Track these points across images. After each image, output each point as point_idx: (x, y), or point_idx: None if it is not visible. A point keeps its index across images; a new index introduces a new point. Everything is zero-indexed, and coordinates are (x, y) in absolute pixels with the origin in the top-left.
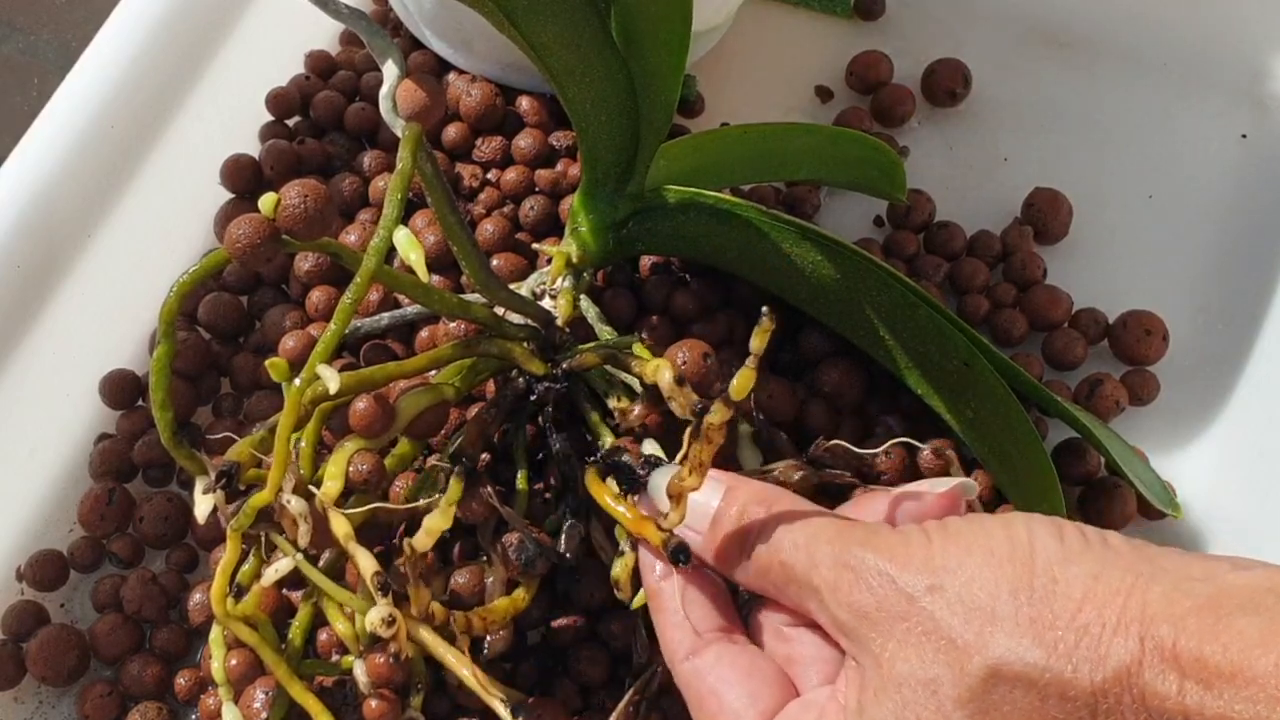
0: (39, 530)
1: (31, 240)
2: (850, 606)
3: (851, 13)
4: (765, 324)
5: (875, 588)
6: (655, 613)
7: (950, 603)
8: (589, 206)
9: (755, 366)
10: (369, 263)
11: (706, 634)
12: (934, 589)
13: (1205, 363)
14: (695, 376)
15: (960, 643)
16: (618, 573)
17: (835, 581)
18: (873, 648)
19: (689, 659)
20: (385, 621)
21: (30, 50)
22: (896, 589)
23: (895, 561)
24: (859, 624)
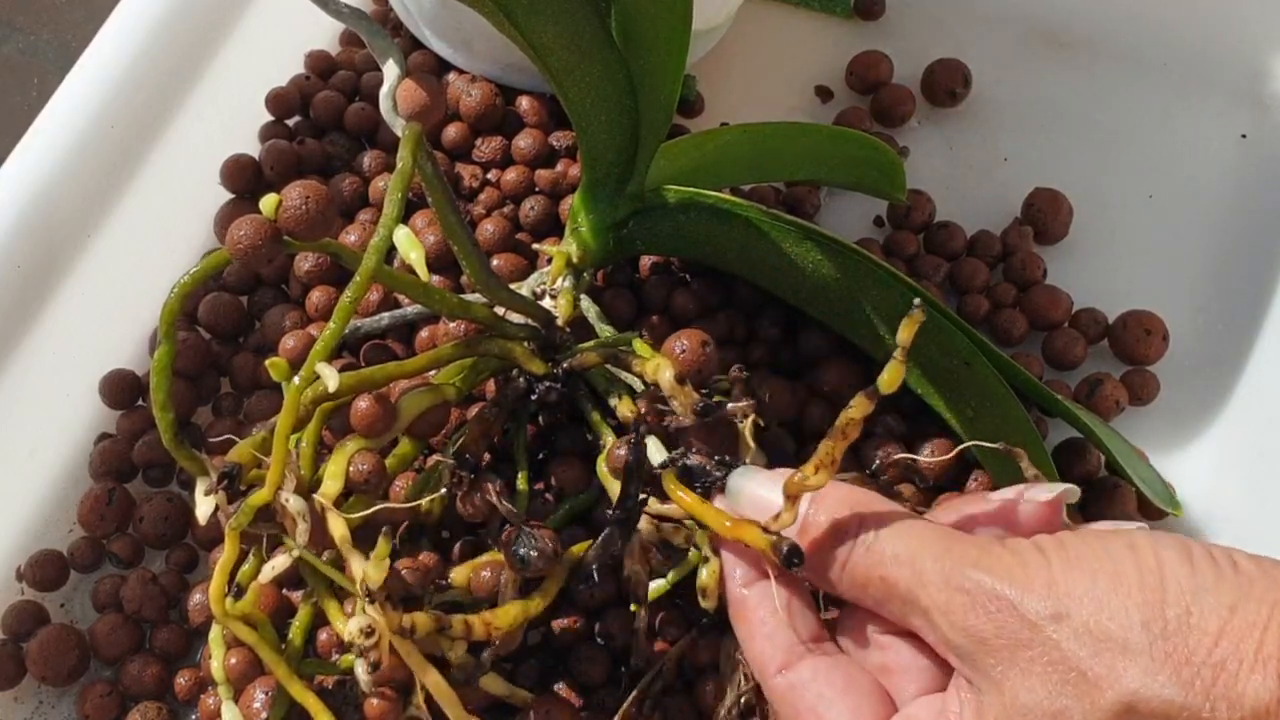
0: (39, 530)
1: (31, 240)
2: (965, 631)
3: (851, 13)
4: (916, 315)
5: (994, 613)
6: (739, 623)
7: (1078, 632)
8: (589, 206)
9: (903, 359)
10: (369, 262)
11: (797, 646)
12: (1059, 617)
13: (1205, 363)
14: (695, 365)
15: (1091, 675)
16: (705, 580)
17: (947, 604)
18: (992, 674)
19: (782, 673)
20: (364, 633)
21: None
22: (1018, 615)
23: (1015, 585)
24: (975, 649)
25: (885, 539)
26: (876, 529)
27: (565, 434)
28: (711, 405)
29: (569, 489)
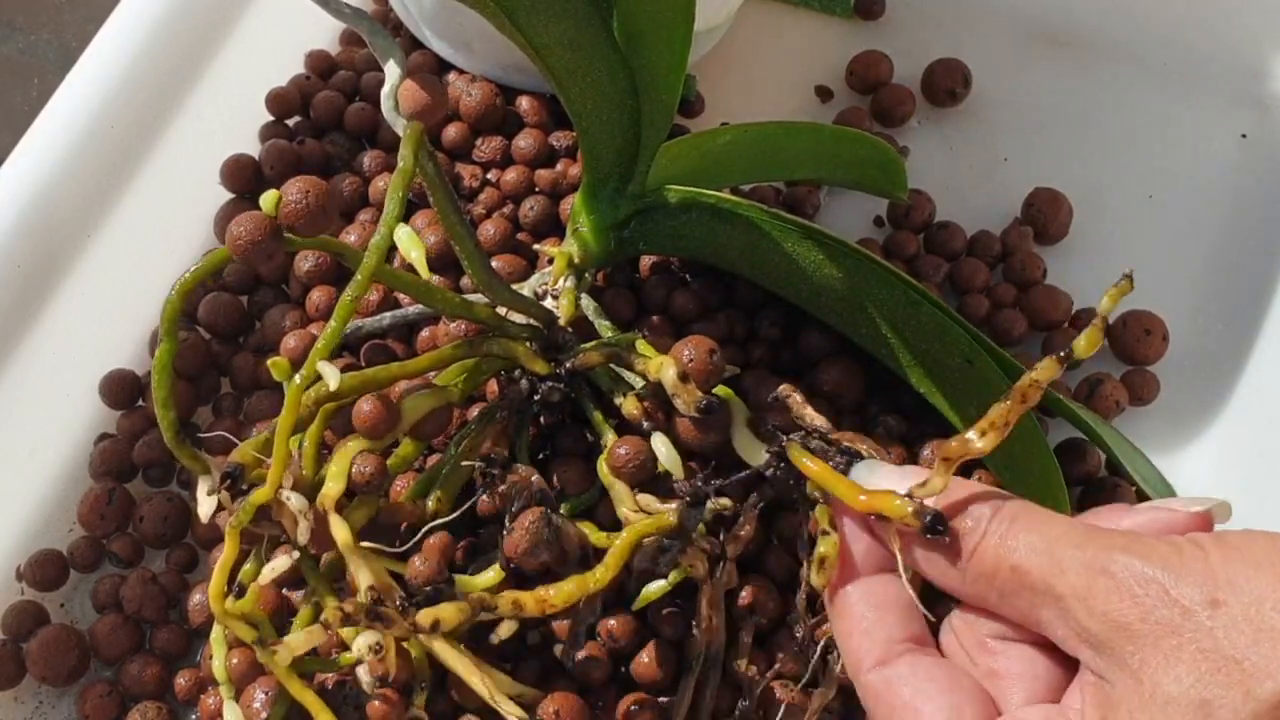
0: (39, 530)
1: (31, 240)
2: (1105, 616)
3: (851, 13)
4: (1125, 285)
5: (1141, 597)
6: (836, 619)
7: (1235, 620)
8: (590, 207)
9: (1102, 326)
10: (370, 260)
11: (897, 643)
12: (1216, 603)
13: (1205, 363)
14: (703, 374)
15: (1248, 665)
16: (824, 550)
17: (1087, 588)
18: (1129, 662)
19: (878, 669)
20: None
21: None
22: (1169, 599)
23: (1168, 569)
24: (1114, 635)
25: (1020, 527)
26: (1011, 519)
27: (566, 434)
28: (714, 403)
29: (570, 489)
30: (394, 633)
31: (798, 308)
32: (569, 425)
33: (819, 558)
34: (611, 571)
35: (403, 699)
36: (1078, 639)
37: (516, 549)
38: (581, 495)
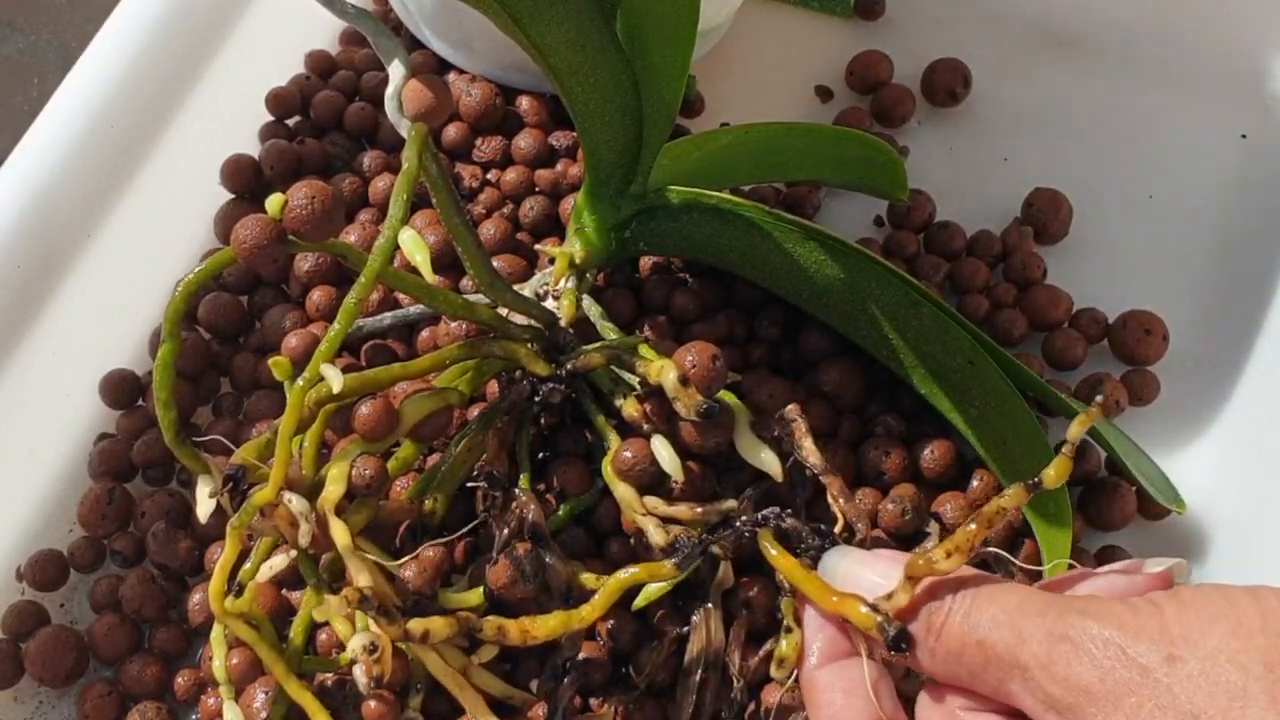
0: (39, 530)
1: (31, 240)
2: (1067, 681)
3: (851, 13)
4: (1095, 412)
5: (1100, 659)
6: (810, 703)
7: (1191, 675)
8: (592, 207)
9: (1071, 454)
10: (375, 263)
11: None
12: (1173, 659)
13: (1205, 363)
14: (705, 380)
15: (1204, 718)
16: (785, 651)
17: (1049, 655)
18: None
19: None
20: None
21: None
22: (1126, 659)
23: (1124, 630)
24: (1077, 699)
25: (982, 603)
26: (975, 597)
27: (566, 435)
28: (714, 407)
29: (570, 490)
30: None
31: (798, 308)
32: (569, 426)
33: (779, 657)
34: (597, 613)
35: (398, 700)
36: (1044, 707)
37: (498, 581)
38: (581, 496)
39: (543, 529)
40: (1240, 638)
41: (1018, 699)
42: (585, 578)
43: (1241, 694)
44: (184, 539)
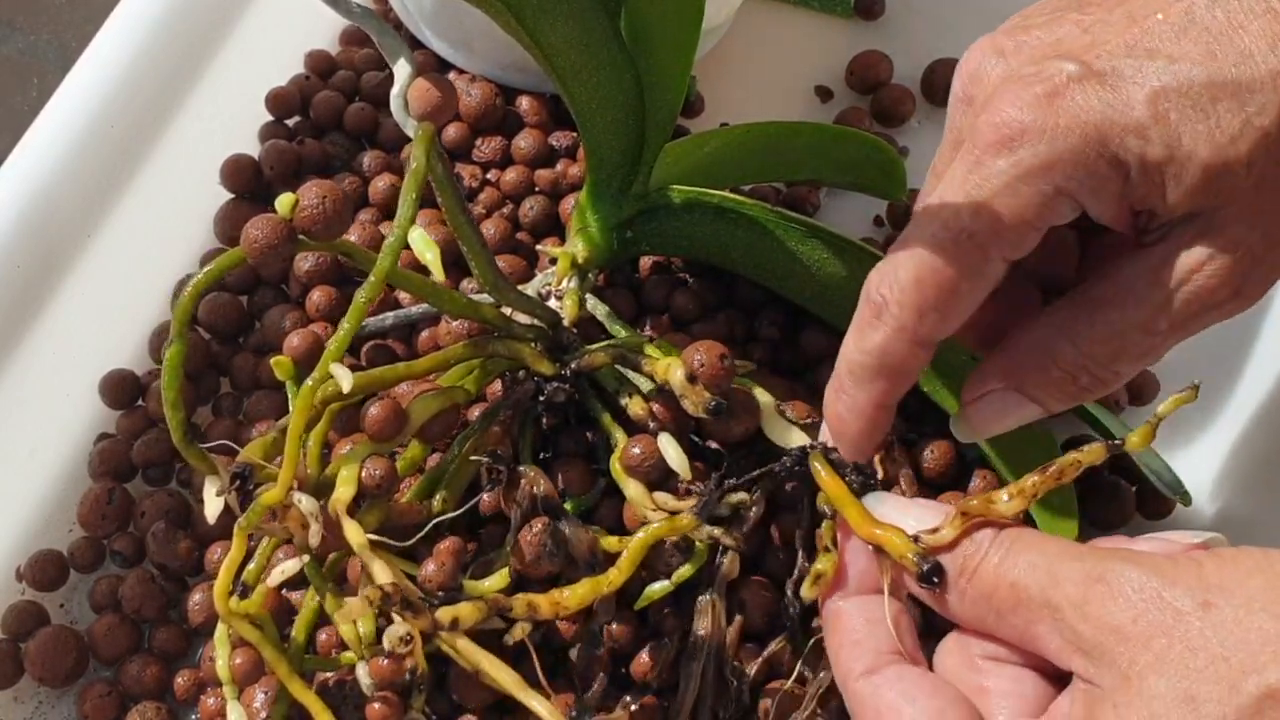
0: (39, 530)
1: (31, 240)
2: (1099, 620)
3: (851, 13)
4: (1189, 394)
5: (1135, 601)
6: (829, 633)
7: (1225, 621)
8: (594, 207)
9: (1155, 424)
10: (384, 262)
11: (885, 654)
12: (1208, 605)
13: (1205, 363)
14: (714, 380)
15: (1234, 661)
16: (822, 567)
17: (1083, 596)
18: (1120, 663)
19: (866, 676)
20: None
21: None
22: (1161, 602)
23: (1162, 576)
24: (1106, 638)
25: (1020, 548)
26: (1011, 541)
27: (568, 435)
28: (722, 404)
29: (572, 490)
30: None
31: (798, 307)
32: (571, 426)
33: (815, 573)
34: (625, 574)
35: (402, 700)
36: (1072, 648)
37: (523, 561)
38: (583, 496)
39: (555, 501)
40: (1275, 590)
41: (1043, 641)
42: (607, 541)
43: (1274, 641)
44: (184, 539)
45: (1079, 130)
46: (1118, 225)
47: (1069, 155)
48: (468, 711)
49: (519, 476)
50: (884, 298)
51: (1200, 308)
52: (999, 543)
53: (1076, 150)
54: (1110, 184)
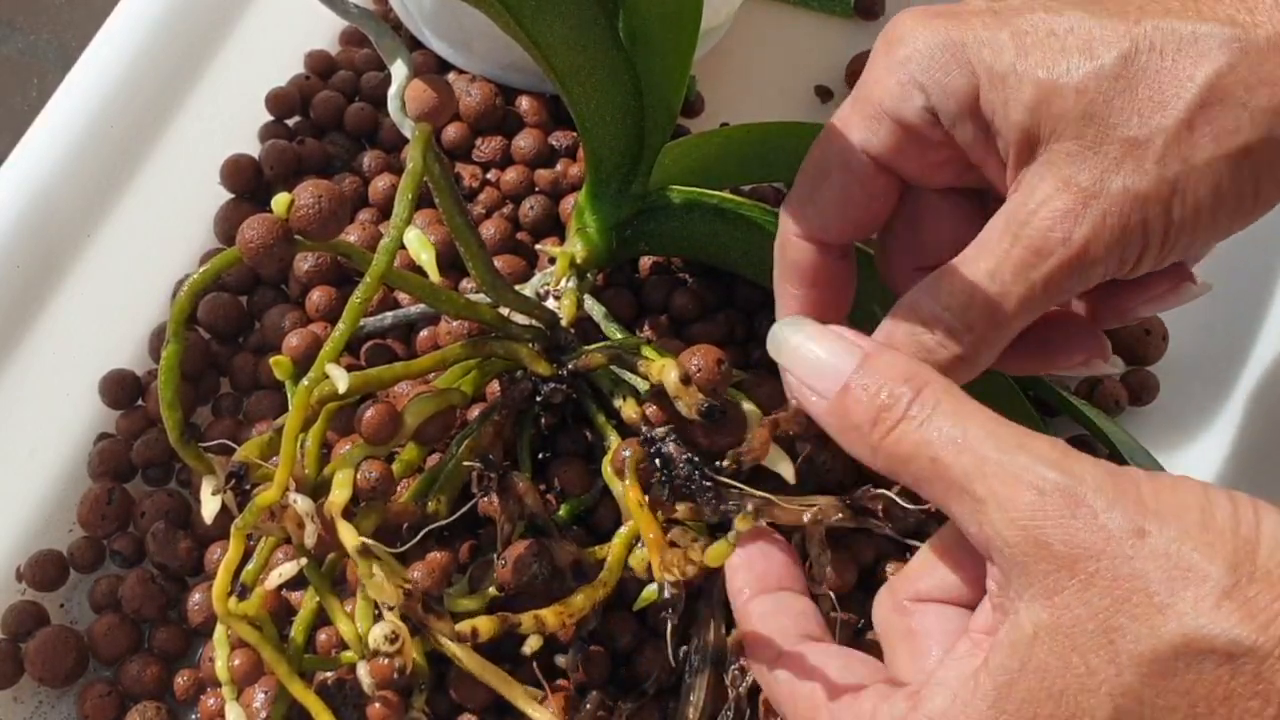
0: (39, 530)
1: (31, 240)
2: (1026, 530)
3: (851, 13)
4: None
5: (1068, 520)
6: (744, 631)
7: (1155, 554)
8: (593, 207)
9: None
10: (380, 263)
11: (793, 638)
12: (1141, 533)
13: (1205, 363)
14: (711, 384)
15: (1158, 600)
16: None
17: (1010, 499)
18: (1045, 581)
19: (775, 661)
20: (389, 639)
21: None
22: (1096, 524)
23: (1101, 494)
24: (1031, 550)
25: (942, 417)
26: (933, 405)
27: (566, 435)
28: (716, 407)
29: (570, 490)
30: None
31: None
32: (570, 426)
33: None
34: (615, 575)
35: (402, 700)
36: (991, 544)
37: (508, 582)
38: (581, 496)
39: (543, 518)
40: (1210, 531)
41: (961, 520)
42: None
43: (1200, 581)
44: (184, 539)
45: (943, 34)
46: (988, 167)
47: (925, 51)
48: (467, 711)
49: (511, 481)
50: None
51: (1035, 253)
52: (920, 405)
53: (934, 48)
54: (959, 85)
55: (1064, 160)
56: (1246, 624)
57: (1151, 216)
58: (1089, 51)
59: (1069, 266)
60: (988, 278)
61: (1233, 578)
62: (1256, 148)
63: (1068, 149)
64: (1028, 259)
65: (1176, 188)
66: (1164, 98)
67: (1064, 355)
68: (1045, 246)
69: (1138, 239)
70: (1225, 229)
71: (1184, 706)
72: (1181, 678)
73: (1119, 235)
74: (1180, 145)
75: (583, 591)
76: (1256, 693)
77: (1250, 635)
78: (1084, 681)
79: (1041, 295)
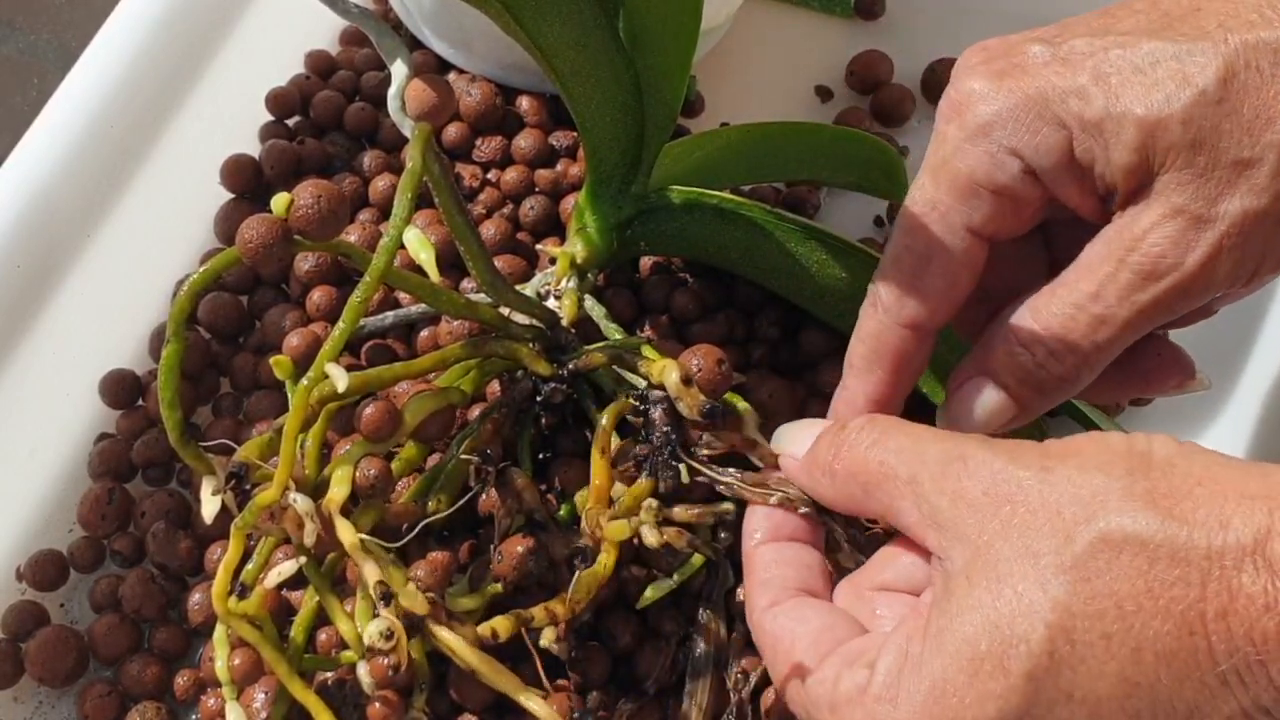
0: (39, 530)
1: (31, 240)
2: (954, 493)
3: (851, 13)
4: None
5: (985, 475)
6: (746, 576)
7: (1059, 482)
8: (594, 207)
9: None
10: (379, 262)
11: (788, 589)
12: (1046, 470)
13: (1205, 363)
14: (711, 384)
15: (1068, 514)
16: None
17: (943, 471)
18: (970, 533)
19: (767, 609)
20: (384, 635)
21: (30, 50)
22: (1008, 474)
23: (1010, 454)
24: (958, 509)
25: (892, 434)
26: (884, 428)
27: (566, 435)
28: (717, 407)
29: (570, 490)
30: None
31: (798, 307)
32: (570, 426)
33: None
34: (613, 557)
35: (403, 699)
36: (928, 522)
37: (506, 577)
38: (581, 496)
39: (541, 515)
40: (1106, 453)
41: (905, 516)
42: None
43: (1101, 493)
44: (184, 539)
45: (1020, 93)
46: (1083, 207)
47: (1008, 114)
48: (467, 711)
49: (509, 477)
50: (873, 285)
51: (1145, 276)
52: (871, 427)
53: (1017, 109)
54: (1053, 142)
55: (1174, 189)
56: (1150, 511)
57: (1271, 233)
58: (1184, 79)
59: (1180, 290)
60: (1090, 299)
61: (1131, 479)
62: None
63: (1178, 179)
64: (1135, 282)
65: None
66: (1272, 113)
67: (1159, 379)
68: (1156, 270)
69: (1255, 257)
70: None
71: (1111, 609)
72: (1103, 579)
73: (1239, 256)
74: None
75: (586, 577)
76: (1178, 578)
77: (1156, 521)
78: (1014, 606)
79: (1148, 318)
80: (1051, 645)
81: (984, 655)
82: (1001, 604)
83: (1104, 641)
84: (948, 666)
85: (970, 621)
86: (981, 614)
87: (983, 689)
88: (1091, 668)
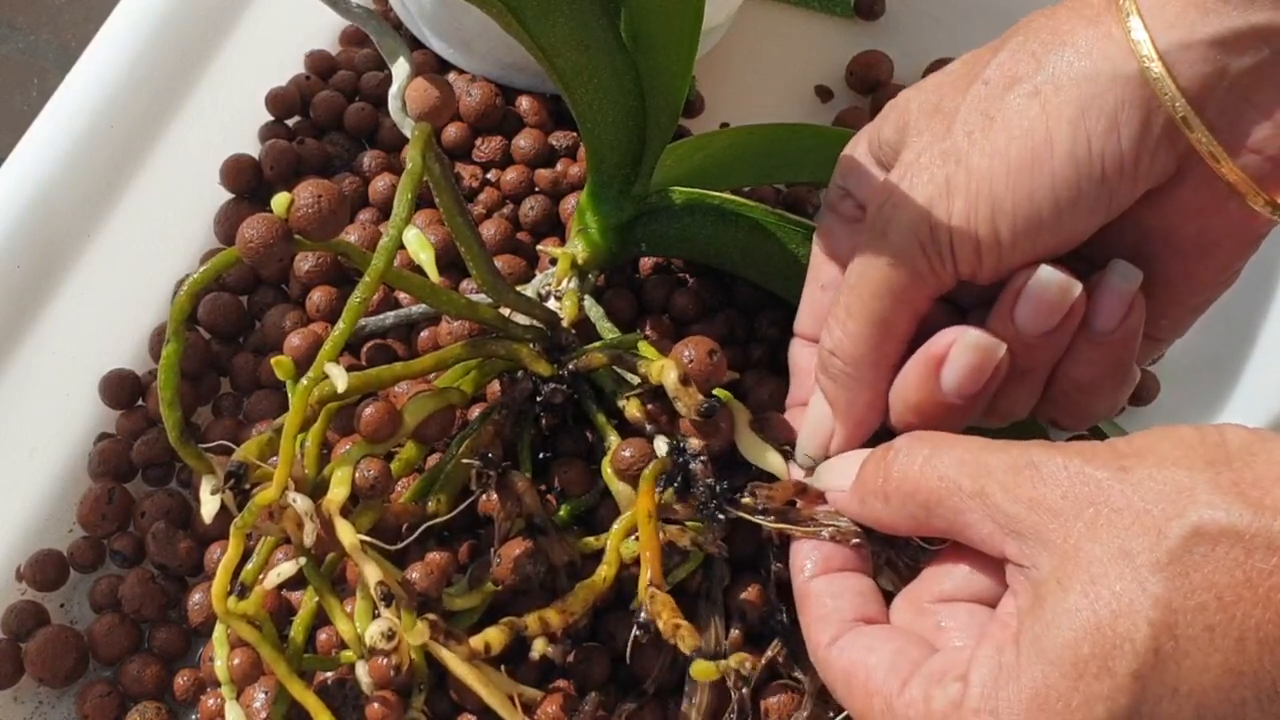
0: (39, 530)
1: (31, 240)
2: (1031, 500)
3: (851, 13)
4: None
5: (1061, 479)
6: (802, 613)
7: (1141, 481)
8: (595, 208)
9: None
10: (379, 263)
11: (849, 622)
12: (1124, 470)
13: (1205, 363)
14: (703, 375)
15: (1156, 511)
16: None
17: (1013, 480)
18: (1054, 539)
19: (831, 645)
20: (385, 636)
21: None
22: (1085, 476)
23: (1082, 455)
24: (1039, 518)
25: (946, 446)
26: (934, 444)
27: (567, 436)
28: (715, 406)
29: (570, 490)
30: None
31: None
32: (570, 426)
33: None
34: (613, 569)
35: (402, 700)
36: (1003, 532)
37: (504, 580)
38: (582, 497)
39: (541, 518)
40: (1183, 448)
41: (973, 530)
42: (585, 542)
43: (1187, 488)
44: (184, 539)
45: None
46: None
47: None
48: (467, 711)
49: (510, 480)
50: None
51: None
52: (920, 443)
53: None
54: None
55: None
56: (1239, 502)
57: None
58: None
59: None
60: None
61: (1214, 470)
62: None
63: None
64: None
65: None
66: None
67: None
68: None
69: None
70: None
71: (1212, 601)
72: (1201, 572)
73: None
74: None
75: (584, 586)
76: (1275, 566)
77: (1249, 512)
78: (1114, 607)
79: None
80: (1156, 642)
81: (1087, 658)
82: (1100, 606)
83: (1207, 634)
84: (1049, 673)
85: (1069, 626)
86: (1080, 617)
87: (1089, 691)
88: (1196, 661)
